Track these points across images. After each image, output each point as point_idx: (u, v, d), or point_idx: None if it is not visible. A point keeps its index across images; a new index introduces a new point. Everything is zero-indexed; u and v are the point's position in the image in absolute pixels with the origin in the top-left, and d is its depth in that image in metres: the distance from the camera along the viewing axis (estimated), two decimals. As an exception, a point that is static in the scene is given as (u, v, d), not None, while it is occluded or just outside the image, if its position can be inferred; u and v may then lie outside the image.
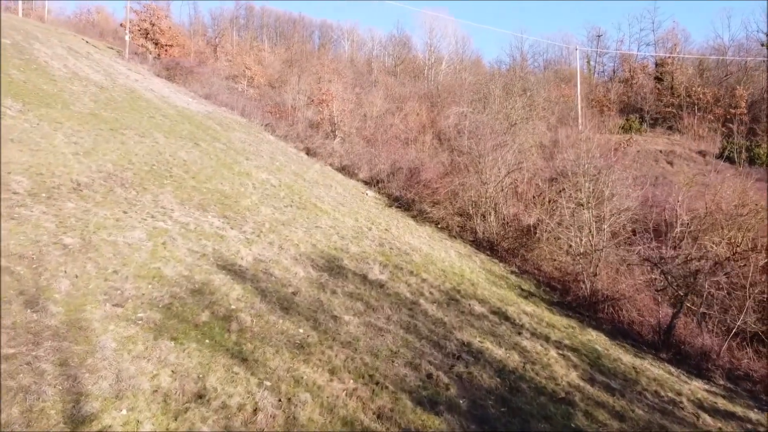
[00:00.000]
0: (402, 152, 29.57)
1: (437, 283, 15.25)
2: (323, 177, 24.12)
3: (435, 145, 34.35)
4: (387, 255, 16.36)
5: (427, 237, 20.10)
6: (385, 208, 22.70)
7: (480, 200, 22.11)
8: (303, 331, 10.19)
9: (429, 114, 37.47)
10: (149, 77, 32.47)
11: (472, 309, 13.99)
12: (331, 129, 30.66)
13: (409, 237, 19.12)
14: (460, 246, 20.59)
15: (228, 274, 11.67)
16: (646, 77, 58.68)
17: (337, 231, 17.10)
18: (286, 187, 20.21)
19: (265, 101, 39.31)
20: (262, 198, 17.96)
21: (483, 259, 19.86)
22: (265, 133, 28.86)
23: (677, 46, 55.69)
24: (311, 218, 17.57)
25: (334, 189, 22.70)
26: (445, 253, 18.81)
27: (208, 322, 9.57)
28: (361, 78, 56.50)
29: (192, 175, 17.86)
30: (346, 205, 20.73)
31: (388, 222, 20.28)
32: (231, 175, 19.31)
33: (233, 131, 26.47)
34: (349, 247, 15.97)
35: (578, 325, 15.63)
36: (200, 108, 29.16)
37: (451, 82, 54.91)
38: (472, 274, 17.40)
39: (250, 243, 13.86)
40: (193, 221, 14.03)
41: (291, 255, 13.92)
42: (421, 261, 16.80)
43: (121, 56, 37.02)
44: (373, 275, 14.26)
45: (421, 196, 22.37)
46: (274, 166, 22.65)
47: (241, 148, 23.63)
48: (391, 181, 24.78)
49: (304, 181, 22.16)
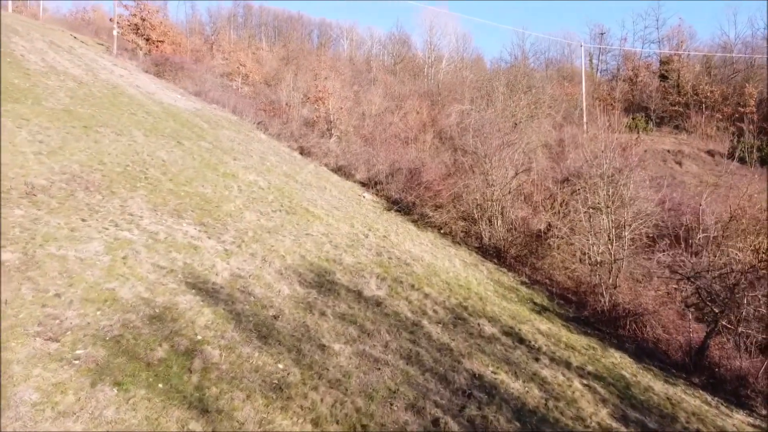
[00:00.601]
0: (402, 152, 27.72)
1: (441, 299, 13.42)
2: (317, 178, 22.29)
3: (436, 145, 32.53)
4: (385, 266, 14.53)
5: (429, 244, 18.28)
6: (384, 212, 20.88)
7: (486, 203, 20.29)
8: (283, 367, 8.37)
9: (430, 112, 35.64)
10: (136, 73, 30.58)
11: (482, 330, 12.17)
12: (327, 127, 28.81)
13: (409, 244, 17.29)
14: (465, 253, 18.76)
15: (198, 294, 9.84)
16: (650, 75, 56.89)
17: (330, 239, 15.27)
18: (275, 189, 18.37)
19: (260, 99, 37.44)
20: (247, 202, 16.12)
21: (490, 268, 18.03)
22: (257, 131, 27.01)
23: (683, 43, 53.81)
24: (302, 225, 15.73)
25: (328, 191, 20.86)
26: (449, 262, 16.98)
27: (166, 358, 7.74)
28: (359, 76, 54.68)
29: (170, 176, 16.03)
30: (341, 209, 18.90)
31: (387, 228, 18.45)
32: (215, 176, 17.47)
33: (222, 129, 24.61)
34: (343, 257, 14.14)
35: (599, 345, 13.82)
36: (188, 105, 27.29)
37: (451, 80, 53.08)
38: (480, 286, 15.57)
39: (229, 255, 12.03)
40: (164, 230, 12.19)
41: (275, 269, 12.09)
42: (423, 272, 14.97)
43: (109, 52, 35.14)
44: (369, 291, 12.43)
45: (422, 199, 20.55)
46: (263, 166, 20.80)
47: (229, 147, 21.78)
48: (390, 183, 22.95)
49: (295, 182, 20.32)
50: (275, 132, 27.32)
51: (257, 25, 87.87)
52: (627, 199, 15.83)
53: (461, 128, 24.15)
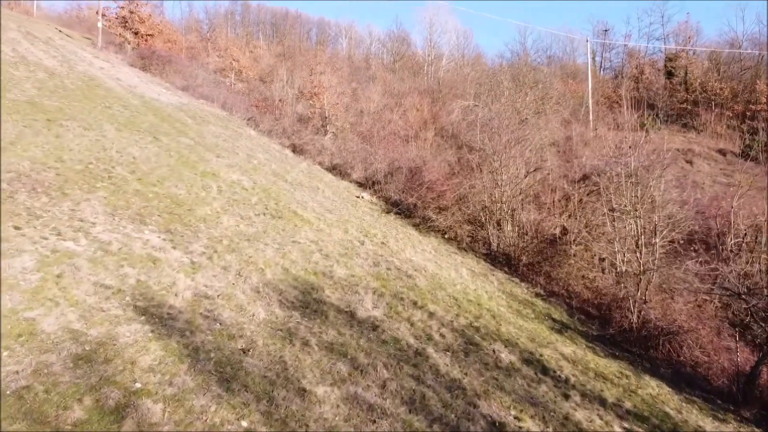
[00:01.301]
0: (401, 150, 25.62)
1: (449, 318, 11.33)
2: (309, 178, 20.19)
3: (438, 143, 30.43)
4: (383, 279, 12.44)
5: (432, 251, 16.19)
6: (382, 215, 18.79)
7: (494, 205, 18.22)
8: (247, 425, 6.28)
9: (431, 108, 33.54)
10: (119, 66, 28.45)
11: (499, 358, 10.08)
12: (321, 124, 26.70)
13: (410, 252, 15.19)
14: (472, 261, 16.68)
15: (148, 322, 7.75)
16: (655, 73, 54.89)
17: (320, 247, 13.17)
18: (261, 190, 16.27)
19: (253, 95, 35.34)
20: (226, 205, 14.03)
21: (501, 278, 15.94)
22: (246, 127, 24.89)
23: (691, 38, 51.74)
24: (288, 230, 13.64)
25: (321, 192, 18.76)
26: (456, 272, 14.90)
27: (84, 420, 5.65)
28: (358, 73, 52.64)
29: (139, 175, 13.93)
30: (334, 212, 16.80)
31: (386, 233, 16.36)
32: (192, 175, 15.37)
33: (208, 125, 22.51)
34: (335, 269, 12.04)
35: (632, 372, 11.74)
36: (173, 99, 25.18)
37: (452, 77, 51.03)
38: (491, 301, 13.49)
39: (196, 269, 9.93)
40: (119, 239, 10.10)
41: (251, 285, 9.99)
42: (426, 285, 12.88)
43: (94, 45, 33.01)
44: (364, 311, 10.34)
45: (424, 200, 18.47)
46: (250, 165, 18.70)
47: (213, 143, 19.68)
48: (389, 183, 20.87)
49: (285, 182, 18.22)
50: (266, 128, 25.22)
51: (255, 23, 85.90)
52: (658, 200, 13.76)
53: (467, 123, 22.06)
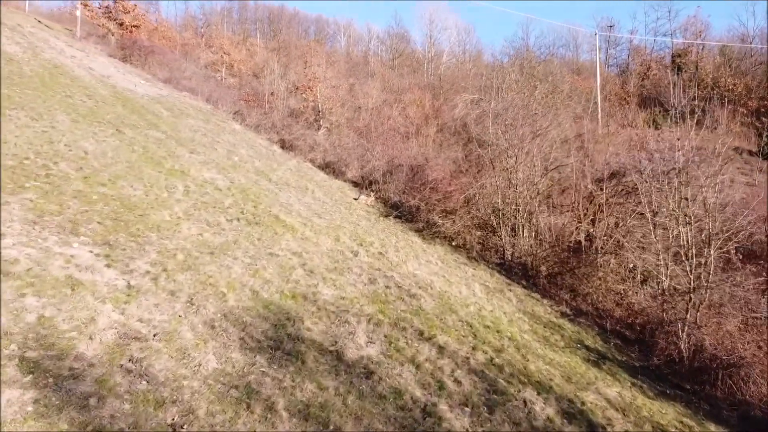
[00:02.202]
0: (401, 147, 23.09)
1: (464, 353, 8.78)
2: (298, 177, 17.63)
3: (440, 140, 27.90)
4: (381, 301, 9.88)
5: (439, 262, 13.63)
6: (380, 219, 16.23)
7: (508, 208, 15.68)
8: None
9: (432, 104, 31.02)
10: (95, 56, 25.85)
11: (532, 411, 7.53)
12: (314, 118, 24.13)
13: (413, 264, 12.64)
14: (484, 274, 14.11)
15: (35, 384, 5.19)
16: (662, 69, 52.46)
17: (303, 260, 10.61)
18: (238, 191, 13.71)
19: (244, 90, 32.78)
20: (192, 208, 11.47)
21: (519, 294, 13.38)
22: (231, 122, 22.33)
23: (702, 32, 49.22)
24: (265, 240, 11.08)
25: (310, 193, 16.21)
26: (468, 288, 12.34)
27: None
28: (356, 69, 50.19)
29: (87, 173, 11.37)
30: (324, 217, 14.24)
31: (384, 240, 13.80)
32: (155, 173, 12.81)
33: (186, 118, 19.95)
34: (320, 290, 9.49)
35: (693, 419, 9.20)
36: (151, 91, 22.60)
37: (453, 73, 48.53)
38: (512, 325, 10.93)
39: (131, 296, 7.37)
40: (32, 255, 7.54)
41: (205, 318, 7.43)
42: (434, 308, 10.33)
43: (73, 35, 30.42)
44: (355, 349, 7.79)
45: (428, 202, 15.92)
46: (229, 162, 16.14)
47: (189, 138, 17.12)
48: (388, 182, 18.33)
49: (268, 182, 15.67)
50: (253, 123, 22.67)
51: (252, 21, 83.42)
52: (711, 203, 11.22)
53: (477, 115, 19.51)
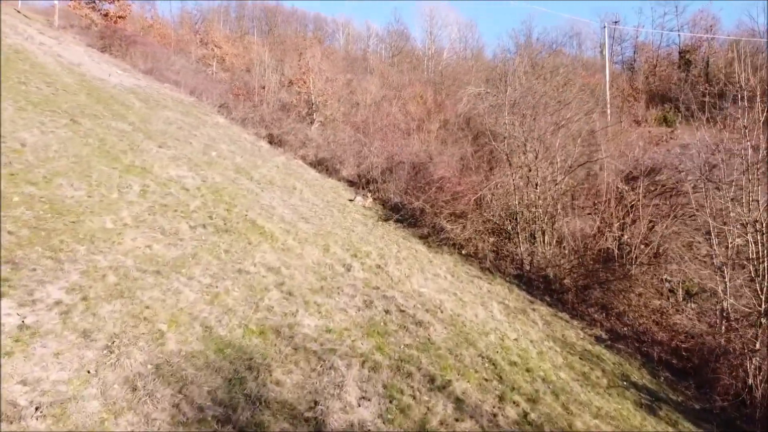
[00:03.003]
0: (402, 143, 20.82)
1: (489, 407, 6.49)
2: (285, 175, 15.33)
3: (443, 136, 25.61)
4: (379, 332, 7.58)
5: (448, 276, 11.32)
6: (379, 224, 13.93)
7: (526, 211, 13.40)
8: None
9: (435, 98, 28.77)
10: (69, 44, 23.52)
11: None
12: (307, 111, 21.83)
13: (418, 279, 10.35)
14: (501, 288, 11.81)
15: None
16: (670, 65, 50.31)
17: (281, 279, 8.32)
18: (210, 191, 11.41)
19: (235, 84, 30.48)
20: (146, 212, 9.17)
21: (544, 313, 11.08)
22: (215, 115, 20.01)
23: (713, 26, 46.97)
24: (235, 252, 8.78)
25: (298, 194, 13.91)
26: (485, 309, 10.05)
27: None
28: (354, 64, 47.98)
29: (15, 169, 9.08)
30: (312, 221, 11.94)
31: (383, 250, 11.50)
32: (109, 169, 10.52)
33: (163, 110, 17.64)
34: (299, 320, 7.19)
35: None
36: (126, 81, 20.29)
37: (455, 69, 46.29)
38: (544, 359, 8.64)
39: (20, 341, 5.07)
40: None
41: (128, 372, 5.14)
42: (447, 339, 8.04)
43: (50, 25, 28.09)
44: (341, 414, 5.49)
45: (434, 204, 13.63)
46: (204, 158, 13.84)
47: (160, 131, 14.82)
48: (387, 181, 16.06)
49: (249, 180, 13.37)
50: (240, 116, 20.38)
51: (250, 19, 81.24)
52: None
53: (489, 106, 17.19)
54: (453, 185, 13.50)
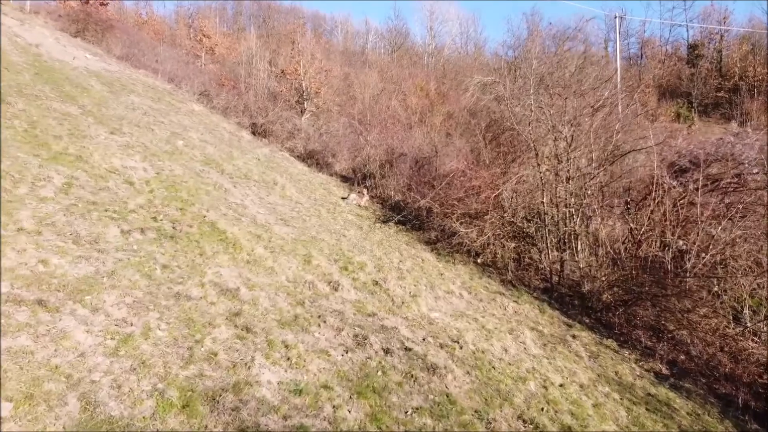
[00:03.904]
0: (403, 135, 18.36)
1: None
2: (266, 168, 12.83)
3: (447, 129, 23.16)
4: (374, 388, 5.09)
5: (464, 293, 8.82)
6: (376, 227, 11.43)
7: (554, 210, 10.93)
8: None
9: (439, 87, 26.34)
10: (36, 27, 21.01)
11: None
12: (297, 100, 19.33)
13: (428, 300, 7.85)
14: (531, 308, 9.29)
15: None
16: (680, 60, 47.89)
17: (237, 306, 5.83)
18: (163, 185, 8.92)
19: (224, 74, 28.01)
20: (57, 213, 6.68)
21: (588, 342, 8.57)
22: (192, 102, 17.49)
23: (727, 19, 44.48)
24: (177, 268, 6.28)
25: (279, 190, 11.41)
26: (515, 339, 7.55)
27: None
28: (352, 58, 45.64)
29: None
30: (293, 224, 9.44)
31: (381, 261, 8.99)
32: (29, 157, 8.03)
33: (128, 95, 15.15)
34: (255, 376, 4.70)
35: None
36: (94, 65, 17.81)
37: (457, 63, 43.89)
38: (602, 416, 6.14)
39: None
40: None
41: None
42: (470, 394, 5.55)
43: (21, 9, 25.57)
44: None
45: (444, 203, 11.13)
46: (167, 147, 11.35)
47: (118, 116, 12.33)
48: (387, 176, 13.58)
49: (220, 174, 10.87)
50: (221, 104, 17.89)
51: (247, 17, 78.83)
52: None
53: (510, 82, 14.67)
54: (467, 180, 10.98)
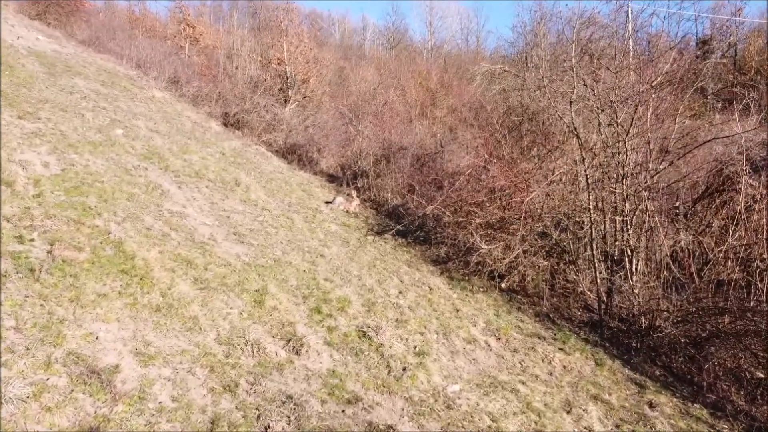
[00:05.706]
0: (402, 129, 15.69)
1: None
2: (229, 165, 10.07)
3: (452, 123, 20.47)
4: None
5: (491, 341, 6.11)
6: (368, 241, 8.68)
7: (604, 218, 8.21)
8: None
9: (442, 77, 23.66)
10: (-16, 6, 18.26)
11: None
12: (280, 88, 16.58)
13: (444, 361, 5.12)
14: (583, 359, 6.57)
15: None
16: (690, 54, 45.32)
17: (102, 409, 3.11)
18: (62, 187, 6.18)
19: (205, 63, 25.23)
20: None
21: (670, 413, 5.84)
22: (154, 89, 14.74)
23: (741, 11, 41.75)
24: (30, 330, 3.56)
25: (241, 192, 8.64)
26: (575, 425, 4.84)
27: None
28: (348, 52, 42.96)
29: None
30: (250, 239, 6.69)
31: (374, 293, 6.26)
32: None
33: (73, 77, 12.40)
34: None
35: None
36: (43, 47, 15.07)
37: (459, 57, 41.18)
38: None
39: None
40: None
41: None
42: None
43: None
44: None
45: (457, 209, 8.35)
46: (97, 136, 8.60)
47: (41, 98, 9.58)
48: (383, 175, 10.83)
49: (162, 171, 8.11)
50: (192, 92, 15.15)
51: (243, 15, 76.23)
52: None
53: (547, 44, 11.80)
54: (489, 179, 8.20)
